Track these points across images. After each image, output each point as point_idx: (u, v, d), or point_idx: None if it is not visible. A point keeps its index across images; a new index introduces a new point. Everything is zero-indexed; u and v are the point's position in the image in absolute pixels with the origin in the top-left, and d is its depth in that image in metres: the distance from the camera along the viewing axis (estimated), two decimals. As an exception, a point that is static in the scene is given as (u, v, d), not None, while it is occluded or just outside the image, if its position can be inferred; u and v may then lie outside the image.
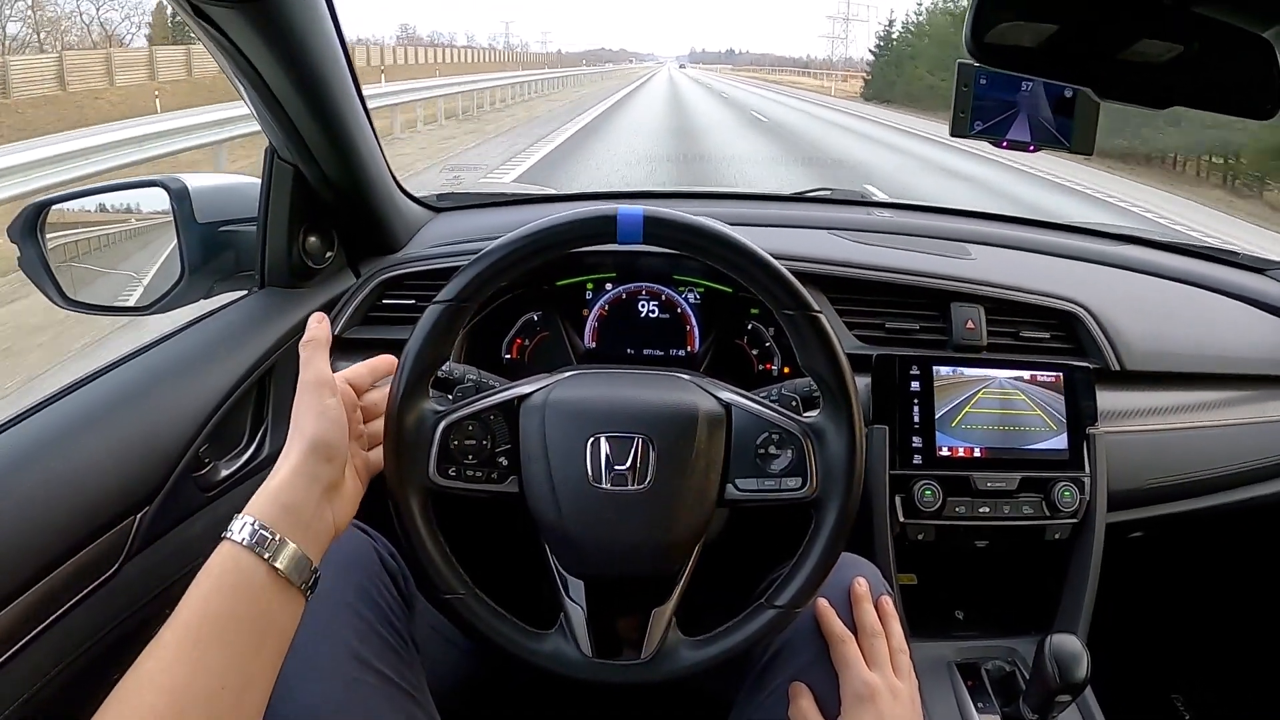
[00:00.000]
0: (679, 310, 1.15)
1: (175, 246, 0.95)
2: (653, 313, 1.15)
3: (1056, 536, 1.02)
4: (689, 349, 1.15)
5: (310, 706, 0.67)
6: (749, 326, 1.15)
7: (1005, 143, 0.84)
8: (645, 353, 1.16)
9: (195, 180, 0.97)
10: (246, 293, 1.02)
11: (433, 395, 0.76)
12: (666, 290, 1.15)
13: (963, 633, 1.07)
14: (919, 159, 12.17)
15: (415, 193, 1.24)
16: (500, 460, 0.75)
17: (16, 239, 0.93)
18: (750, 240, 0.73)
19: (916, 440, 1.02)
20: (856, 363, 0.82)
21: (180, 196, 0.94)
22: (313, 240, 1.02)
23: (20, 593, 0.66)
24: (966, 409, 1.03)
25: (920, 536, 1.01)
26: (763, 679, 0.80)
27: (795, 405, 0.82)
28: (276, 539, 0.60)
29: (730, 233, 0.73)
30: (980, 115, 0.84)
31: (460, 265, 0.73)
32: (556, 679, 0.73)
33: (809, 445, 0.74)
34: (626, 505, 0.72)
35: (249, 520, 0.60)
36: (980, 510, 1.00)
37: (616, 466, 0.72)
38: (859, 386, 0.75)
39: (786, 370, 1.13)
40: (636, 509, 0.72)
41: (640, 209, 0.72)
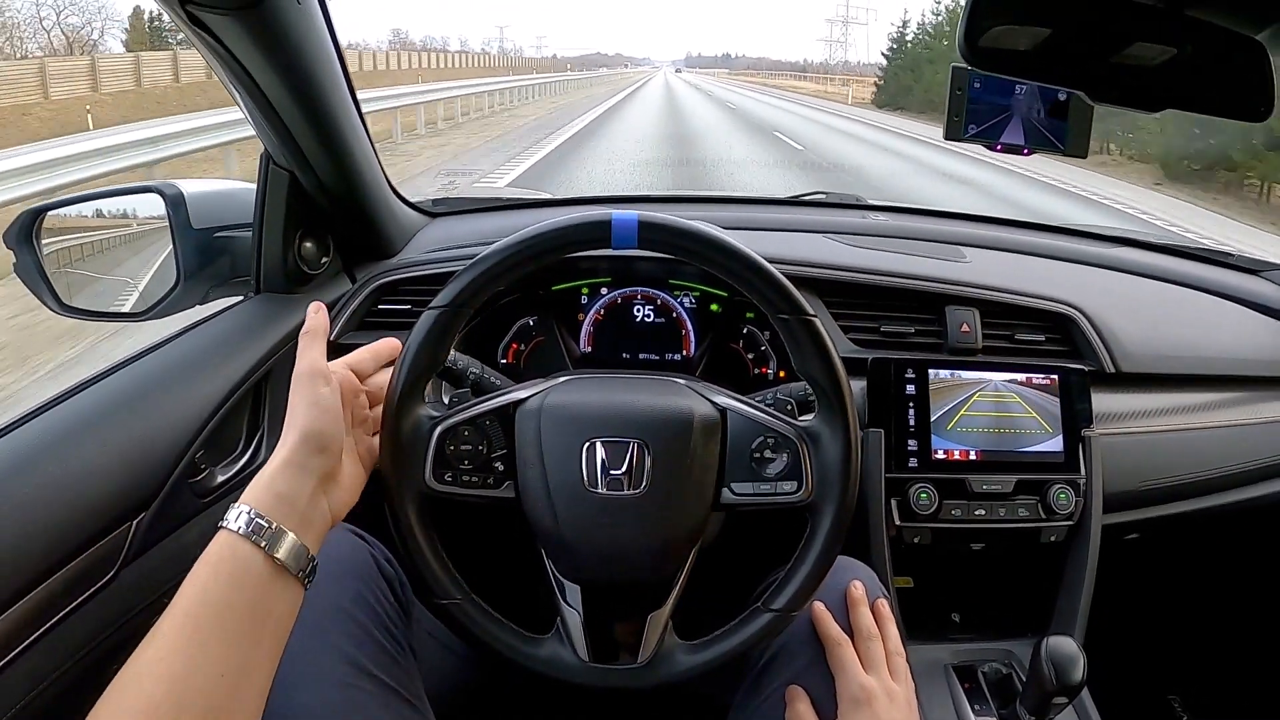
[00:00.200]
0: (674, 315, 1.15)
1: (171, 252, 0.95)
2: (648, 317, 1.15)
3: (1052, 539, 1.03)
4: (684, 353, 1.15)
5: (307, 712, 0.67)
6: (744, 330, 1.15)
7: (999, 146, 0.84)
8: (641, 357, 1.16)
9: (191, 186, 0.97)
10: (242, 298, 1.02)
11: (429, 400, 0.76)
12: (662, 295, 1.15)
13: (959, 635, 1.07)
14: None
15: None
16: (496, 465, 0.75)
17: (12, 245, 0.93)
18: (745, 244, 0.73)
19: (912, 443, 1.02)
20: (852, 366, 0.82)
21: (176, 202, 0.94)
22: (308, 246, 1.03)
23: (17, 599, 0.66)
24: (962, 412, 1.03)
25: (916, 539, 1.01)
26: (759, 682, 0.80)
27: (790, 409, 0.82)
28: (273, 527, 0.60)
29: (725, 237, 0.73)
30: (974, 119, 0.84)
31: (456, 270, 0.73)
32: (553, 684, 0.73)
33: (804, 449, 0.74)
34: (622, 510, 0.72)
35: (245, 509, 0.60)
36: (976, 513, 1.01)
37: (612, 471, 0.72)
38: (854, 390, 0.75)
39: (782, 374, 1.13)
40: (632, 514, 0.72)
41: (635, 214, 0.72)
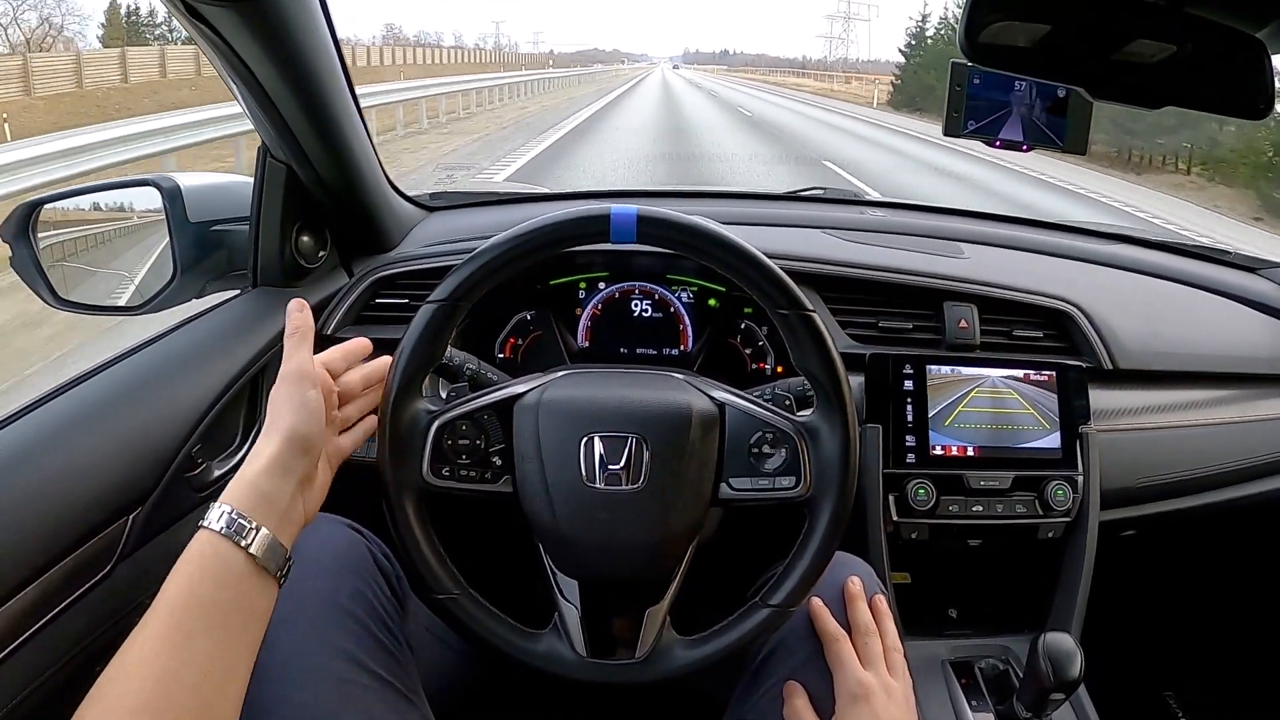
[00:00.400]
0: (672, 309, 1.15)
1: (167, 246, 0.94)
2: (646, 312, 1.15)
3: (1049, 535, 1.03)
4: (682, 348, 1.15)
5: (303, 707, 0.67)
6: (743, 325, 1.15)
7: (998, 142, 0.84)
8: (639, 352, 1.15)
9: (187, 179, 0.96)
10: (239, 292, 1.02)
11: (426, 395, 0.76)
12: (660, 289, 1.15)
13: (956, 631, 1.07)
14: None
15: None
16: (494, 460, 0.75)
17: (9, 239, 0.93)
18: (744, 239, 0.73)
19: (910, 439, 1.02)
20: (850, 362, 0.82)
21: (172, 196, 0.94)
22: (305, 240, 1.02)
23: (14, 593, 0.66)
24: (960, 408, 1.03)
25: (914, 535, 1.01)
26: (757, 678, 0.80)
27: (789, 404, 0.82)
28: (253, 526, 0.60)
29: (724, 232, 0.73)
30: (973, 115, 0.84)
31: (453, 265, 0.73)
32: (551, 679, 0.73)
33: (803, 444, 0.74)
34: (620, 505, 0.72)
35: (226, 509, 0.60)
36: (974, 509, 1.01)
37: (610, 466, 0.72)
38: (853, 385, 0.75)
39: (780, 369, 1.13)
40: (630, 509, 0.72)
41: (634, 208, 0.72)
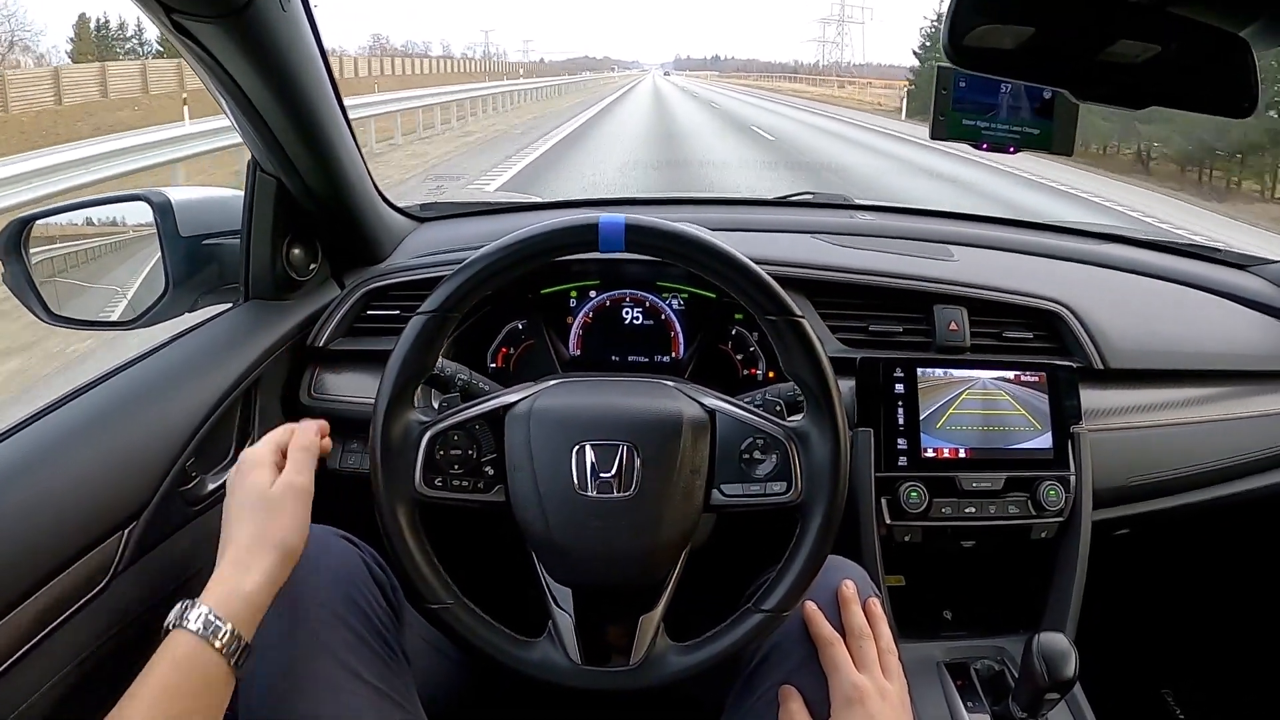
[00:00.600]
0: (663, 316, 1.15)
1: (159, 260, 0.95)
2: (637, 319, 1.15)
3: (1043, 535, 1.03)
4: (673, 355, 1.16)
5: (299, 717, 0.67)
6: (733, 332, 1.15)
7: (985, 145, 0.85)
8: (630, 359, 1.16)
9: (178, 194, 0.97)
10: (231, 306, 1.02)
11: (418, 406, 0.76)
12: (650, 297, 1.15)
13: (951, 633, 1.08)
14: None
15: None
16: (486, 470, 0.75)
17: (0, 255, 0.93)
18: (731, 246, 0.74)
19: (901, 442, 1.02)
20: (840, 366, 0.82)
21: (163, 210, 0.94)
22: (296, 252, 1.03)
23: (10, 609, 0.66)
24: (951, 410, 1.03)
25: (907, 538, 1.02)
26: (752, 683, 0.80)
27: (779, 410, 0.82)
28: (226, 627, 0.61)
29: (711, 239, 0.74)
30: (960, 118, 0.84)
31: (444, 275, 0.74)
32: (546, 687, 0.73)
33: (793, 450, 0.74)
34: (612, 513, 0.72)
35: (205, 610, 0.61)
36: (966, 510, 1.01)
37: (602, 474, 0.72)
38: (843, 389, 0.75)
39: (771, 375, 1.13)
40: (622, 516, 0.72)
41: (621, 217, 0.72)
